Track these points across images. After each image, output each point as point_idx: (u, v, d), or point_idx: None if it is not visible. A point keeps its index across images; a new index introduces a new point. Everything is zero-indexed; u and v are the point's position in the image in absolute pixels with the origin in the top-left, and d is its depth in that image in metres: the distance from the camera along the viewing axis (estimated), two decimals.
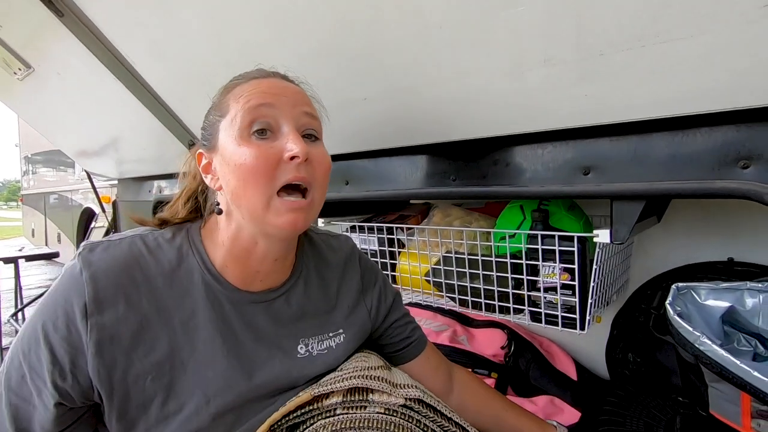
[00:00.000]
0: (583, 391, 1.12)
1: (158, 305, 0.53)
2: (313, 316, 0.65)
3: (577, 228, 0.91)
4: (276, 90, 0.56)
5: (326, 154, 0.58)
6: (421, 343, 0.77)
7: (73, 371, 0.49)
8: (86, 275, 0.50)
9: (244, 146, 0.53)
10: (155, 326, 0.53)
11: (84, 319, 0.49)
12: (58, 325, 0.49)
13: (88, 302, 0.49)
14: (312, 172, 0.55)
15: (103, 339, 0.49)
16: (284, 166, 0.53)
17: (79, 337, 0.49)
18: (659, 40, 0.49)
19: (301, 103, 0.57)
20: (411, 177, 0.93)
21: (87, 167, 2.23)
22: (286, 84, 0.58)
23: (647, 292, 1.09)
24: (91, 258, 0.52)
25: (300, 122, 0.56)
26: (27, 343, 0.50)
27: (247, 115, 0.53)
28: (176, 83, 1.14)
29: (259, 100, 0.54)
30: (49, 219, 5.45)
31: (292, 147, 0.52)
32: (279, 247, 0.59)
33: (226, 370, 0.56)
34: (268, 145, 0.53)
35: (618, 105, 0.58)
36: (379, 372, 0.58)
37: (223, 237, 0.58)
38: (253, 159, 0.52)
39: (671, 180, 0.61)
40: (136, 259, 0.54)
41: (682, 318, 0.70)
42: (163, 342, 0.53)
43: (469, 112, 0.72)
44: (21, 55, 1.33)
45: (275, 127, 0.54)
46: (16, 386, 0.51)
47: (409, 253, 1.12)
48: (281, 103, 0.54)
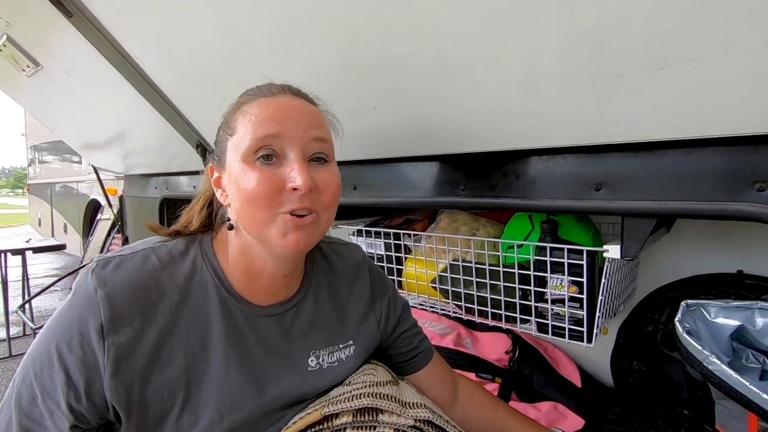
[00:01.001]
0: (587, 399, 1.12)
1: (174, 320, 0.53)
2: (323, 328, 0.66)
3: (586, 239, 0.90)
4: (284, 114, 0.54)
5: (335, 177, 0.57)
6: (428, 353, 0.77)
7: (89, 393, 0.49)
8: (101, 294, 0.50)
9: (248, 170, 0.52)
10: (171, 341, 0.53)
11: (101, 340, 0.49)
12: (72, 345, 0.49)
13: (105, 322, 0.49)
14: (317, 199, 0.54)
15: (120, 358, 0.49)
16: (287, 195, 0.52)
17: (95, 358, 0.49)
18: (680, 64, 0.48)
19: (310, 127, 0.54)
20: (419, 185, 0.93)
21: (93, 161, 2.24)
22: (296, 104, 0.56)
23: (654, 302, 1.09)
24: (106, 276, 0.51)
25: (308, 148, 0.54)
26: (39, 363, 0.50)
27: (254, 144, 0.52)
28: (185, 85, 1.14)
29: (266, 131, 0.52)
30: (55, 209, 5.48)
31: (295, 178, 0.51)
32: (288, 264, 0.59)
33: (240, 384, 0.56)
34: (272, 172, 0.52)
35: (634, 126, 0.57)
36: (387, 389, 0.58)
37: (234, 252, 0.59)
38: (256, 185, 0.51)
39: (684, 200, 0.60)
40: (150, 274, 0.54)
41: (690, 335, 0.69)
42: (179, 357, 0.53)
43: (481, 126, 0.71)
44: (30, 53, 1.33)
45: (281, 153, 0.53)
46: (28, 408, 0.50)
47: (416, 258, 1.12)
48: (289, 130, 0.53)
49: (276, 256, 0.56)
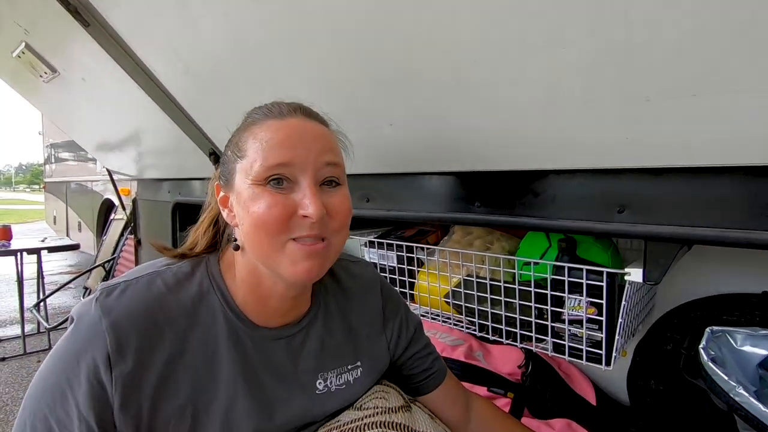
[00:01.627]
0: (602, 417, 1.10)
1: (181, 347, 0.52)
2: (332, 349, 0.64)
3: (605, 258, 0.88)
4: (296, 140, 0.52)
5: (346, 201, 0.55)
6: (440, 374, 0.75)
7: (101, 425, 0.48)
8: (106, 324, 0.49)
9: (258, 194, 0.51)
10: (178, 369, 0.52)
11: (108, 371, 0.48)
12: (81, 380, 0.48)
13: (111, 353, 0.48)
14: (328, 225, 0.52)
15: (128, 389, 0.49)
16: (298, 222, 0.51)
17: (104, 391, 0.48)
18: (715, 91, 0.46)
19: (323, 152, 0.53)
20: (433, 199, 0.91)
21: (107, 164, 2.26)
22: (308, 127, 0.54)
23: (674, 321, 1.06)
24: (109, 304, 0.50)
25: (320, 173, 0.53)
26: (51, 397, 0.49)
27: (265, 172, 0.51)
28: (198, 94, 1.14)
29: (277, 158, 0.51)
30: (70, 207, 5.56)
31: (307, 206, 0.50)
32: (297, 287, 0.58)
33: (247, 411, 0.55)
34: (284, 197, 0.51)
35: (662, 151, 0.55)
36: (399, 417, 0.57)
37: (242, 274, 0.57)
38: (267, 210, 0.50)
39: (713, 227, 0.58)
40: (156, 300, 0.52)
41: (716, 364, 0.67)
42: (186, 385, 0.52)
43: (499, 145, 0.70)
44: (48, 60, 1.34)
45: (293, 179, 0.52)
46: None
47: (429, 272, 1.10)
48: (301, 157, 0.51)
49: (286, 281, 0.55)
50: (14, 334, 3.23)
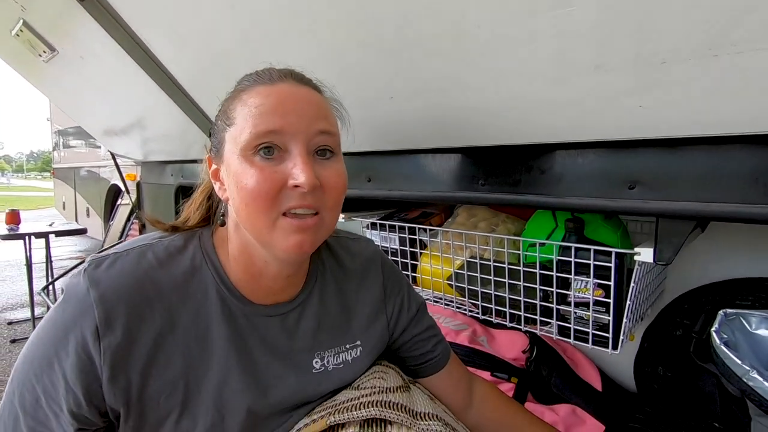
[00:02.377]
0: (607, 403, 1.08)
1: (172, 321, 0.51)
2: (329, 328, 0.62)
3: (614, 239, 0.85)
4: (287, 106, 0.49)
5: (341, 174, 0.52)
6: (443, 359, 0.73)
7: (88, 398, 0.47)
8: (94, 295, 0.47)
9: (247, 165, 0.48)
10: (169, 343, 0.50)
11: (96, 343, 0.47)
12: (68, 351, 0.47)
13: (99, 324, 0.47)
14: (321, 198, 0.50)
15: (116, 361, 0.47)
16: (289, 192, 0.48)
17: (92, 363, 0.47)
18: (735, 50, 0.42)
19: (315, 119, 0.50)
20: (437, 178, 0.88)
21: (111, 148, 2.25)
22: (300, 93, 0.51)
23: (684, 306, 1.03)
24: (98, 276, 0.49)
25: (312, 142, 0.50)
26: (39, 366, 0.48)
27: (254, 139, 0.48)
28: (196, 71, 1.11)
29: (267, 125, 0.48)
30: (78, 193, 5.61)
31: (298, 175, 0.47)
32: (291, 266, 0.56)
33: (241, 387, 0.54)
34: (273, 169, 0.48)
35: (678, 119, 0.51)
36: (397, 397, 0.55)
37: (234, 250, 0.56)
38: (255, 183, 0.47)
39: (731, 202, 0.55)
40: (146, 273, 0.51)
41: (728, 347, 0.64)
42: (177, 359, 0.51)
43: (505, 118, 0.66)
44: (46, 38, 1.32)
45: (283, 148, 0.49)
46: (32, 410, 0.49)
47: (432, 254, 1.08)
48: (291, 124, 0.49)
49: (278, 258, 0.53)
50: (24, 317, 3.29)
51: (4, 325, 3.21)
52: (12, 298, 3.84)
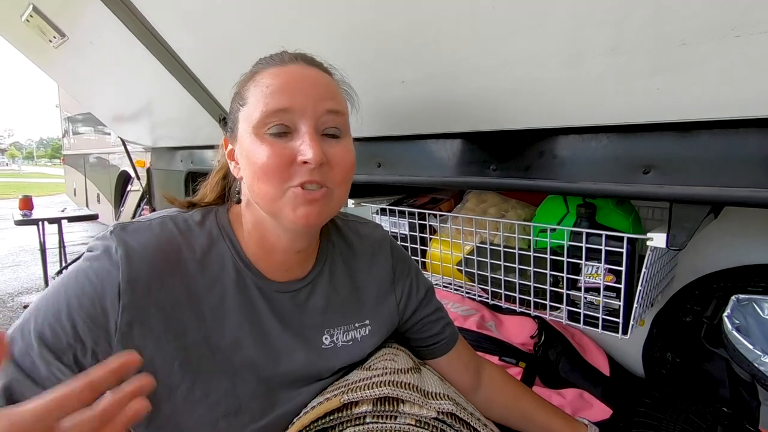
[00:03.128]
0: (615, 388, 1.08)
1: (189, 290, 0.53)
2: (338, 307, 0.64)
3: (626, 225, 0.85)
4: (296, 85, 0.51)
5: (348, 153, 0.54)
6: (451, 341, 0.74)
7: (95, 349, 0.48)
8: (121, 253, 0.49)
9: (258, 143, 0.51)
10: (186, 311, 0.52)
11: (116, 299, 0.48)
12: (83, 302, 0.47)
13: (122, 282, 0.48)
14: (328, 174, 0.52)
15: (134, 321, 0.49)
16: (298, 168, 0.50)
17: (106, 318, 0.48)
18: (758, 30, 0.41)
19: (323, 99, 0.52)
20: (447, 163, 0.88)
21: (121, 134, 2.26)
22: (309, 74, 0.53)
23: (695, 292, 1.02)
24: (126, 237, 0.51)
25: (321, 121, 0.52)
26: (53, 313, 0.48)
27: (265, 118, 0.50)
28: (206, 56, 1.11)
29: (277, 104, 0.50)
30: (88, 179, 5.67)
31: (305, 151, 0.49)
32: (301, 239, 0.58)
33: (253, 357, 0.56)
34: (283, 145, 0.50)
35: (697, 102, 0.51)
36: (408, 377, 0.56)
37: (248, 225, 0.58)
38: (266, 158, 0.50)
39: (747, 186, 0.54)
40: (169, 240, 0.53)
41: (740, 332, 0.64)
42: (192, 327, 0.52)
43: (518, 102, 0.66)
44: (55, 23, 1.32)
45: (292, 126, 0.51)
46: (20, 356, 0.47)
47: (441, 239, 1.08)
48: (300, 103, 0.51)
49: (288, 230, 0.55)
50: None
51: (21, 308, 3.29)
52: (27, 283, 3.92)
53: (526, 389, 0.82)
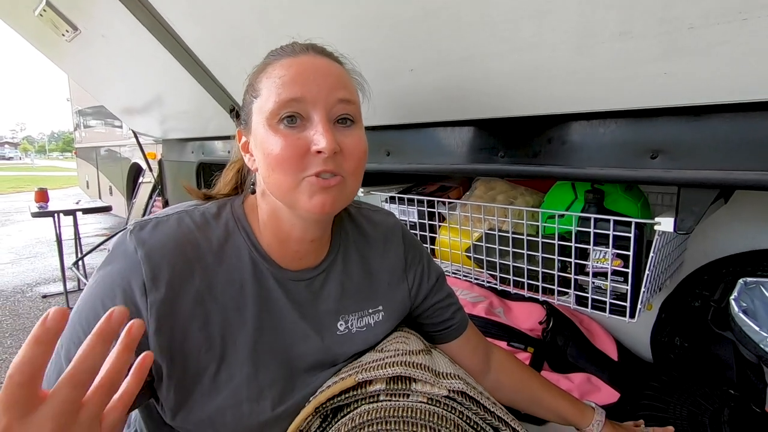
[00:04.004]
0: (623, 372, 1.10)
1: (209, 282, 0.55)
2: (352, 294, 0.66)
3: (634, 211, 0.85)
4: (308, 75, 0.52)
5: (361, 141, 0.55)
6: (461, 326, 0.76)
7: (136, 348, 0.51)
8: (141, 253, 0.51)
9: (272, 134, 0.52)
10: (208, 302, 0.54)
11: (143, 297, 0.50)
12: (117, 303, 0.49)
13: (146, 280, 0.50)
14: (342, 163, 0.53)
15: (161, 315, 0.51)
16: (312, 158, 0.51)
17: (140, 315, 0.50)
18: (766, 13, 0.42)
19: (335, 88, 0.53)
20: (456, 151, 0.89)
21: (132, 126, 2.29)
22: (320, 64, 0.54)
23: (704, 277, 1.03)
24: (144, 236, 0.53)
25: (333, 110, 0.53)
26: (86, 320, 0.51)
27: (277, 107, 0.51)
28: (217, 48, 1.12)
29: (289, 94, 0.51)
30: (101, 172, 5.75)
31: (319, 140, 0.50)
32: (315, 228, 0.59)
33: (272, 344, 0.58)
34: (296, 136, 0.51)
35: (705, 86, 0.51)
36: (420, 358, 0.58)
37: (263, 216, 0.59)
38: (280, 149, 0.51)
39: (757, 169, 0.54)
40: (186, 236, 0.55)
41: (747, 315, 0.65)
42: (215, 317, 0.54)
43: (527, 88, 0.66)
44: (68, 17, 1.34)
45: (305, 116, 0.52)
46: None
47: (450, 227, 1.09)
48: (312, 93, 0.51)
49: (303, 219, 0.56)
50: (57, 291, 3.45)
51: (39, 298, 3.38)
52: (44, 273, 4.01)
53: (534, 373, 0.84)
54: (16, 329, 2.82)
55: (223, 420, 0.56)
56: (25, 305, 3.24)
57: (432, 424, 0.50)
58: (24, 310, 3.16)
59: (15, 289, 3.58)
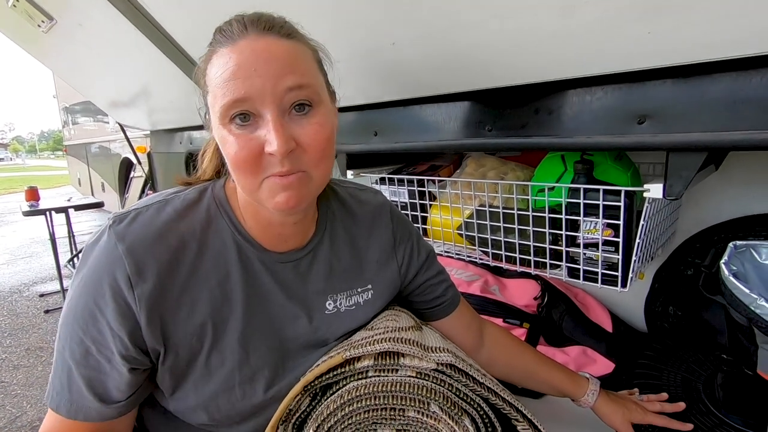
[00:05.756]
0: (617, 343, 1.11)
1: (194, 269, 0.54)
2: (340, 273, 0.65)
3: (625, 180, 0.84)
4: (248, 67, 0.46)
5: (322, 128, 0.50)
6: (453, 303, 0.76)
7: (133, 340, 0.51)
8: (122, 248, 0.50)
9: (226, 133, 0.49)
10: (194, 289, 0.54)
11: (130, 290, 0.50)
12: (107, 300, 0.50)
13: (131, 274, 0.49)
14: (301, 158, 0.49)
15: (150, 307, 0.50)
16: (268, 158, 0.48)
17: (130, 308, 0.50)
18: None
19: (281, 76, 0.47)
20: (443, 127, 0.87)
21: (119, 119, 2.26)
22: (261, 48, 0.47)
23: (696, 245, 1.03)
24: (122, 230, 0.51)
25: (283, 102, 0.48)
26: (83, 319, 0.51)
27: (224, 110, 0.48)
28: (197, 33, 1.09)
29: (232, 95, 0.46)
30: (92, 168, 5.69)
31: (271, 141, 0.46)
32: (293, 216, 0.57)
33: (260, 327, 0.58)
34: (248, 136, 0.48)
35: (690, 44, 0.50)
36: (409, 334, 0.57)
37: (243, 201, 0.58)
38: (235, 151, 0.48)
39: (746, 129, 0.53)
40: (167, 225, 0.54)
41: (737, 278, 0.65)
42: (203, 303, 0.54)
43: (510, 56, 0.65)
44: (41, 6, 1.30)
45: (255, 113, 0.48)
46: (83, 360, 0.51)
47: (441, 205, 1.08)
48: (256, 88, 0.46)
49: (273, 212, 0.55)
50: (54, 289, 3.45)
51: (37, 297, 3.38)
52: (41, 272, 4.01)
53: (528, 347, 0.84)
54: (15, 328, 2.82)
55: (216, 404, 0.56)
56: (22, 305, 3.24)
57: (421, 397, 0.50)
58: (22, 309, 3.15)
59: (12, 289, 3.57)
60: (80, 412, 0.52)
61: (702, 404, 0.81)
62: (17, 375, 2.27)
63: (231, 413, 0.57)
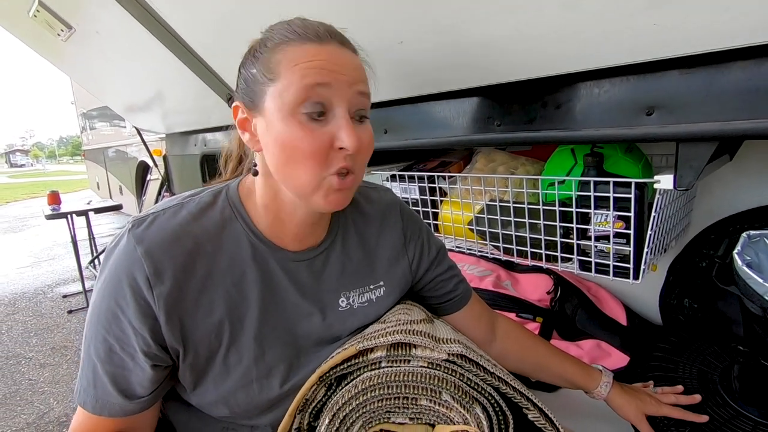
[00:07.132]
0: (632, 336, 1.10)
1: (210, 270, 0.56)
2: (353, 271, 0.67)
3: (635, 172, 0.84)
4: (335, 65, 0.51)
5: (372, 136, 0.56)
6: (464, 298, 0.76)
7: (154, 338, 0.53)
8: (141, 250, 0.52)
9: (293, 125, 0.50)
10: (211, 290, 0.55)
11: (150, 291, 0.51)
12: (128, 300, 0.52)
13: (150, 275, 0.51)
14: (356, 159, 0.54)
15: (169, 307, 0.52)
16: (334, 154, 0.52)
17: (150, 308, 0.52)
18: None
19: (357, 82, 0.52)
20: (452, 123, 0.88)
21: (135, 123, 2.31)
22: (345, 55, 0.53)
23: (711, 237, 1.01)
24: (141, 233, 0.53)
25: (353, 104, 0.52)
26: (105, 319, 0.53)
27: (302, 93, 0.49)
28: (208, 36, 1.12)
29: (317, 79, 0.49)
30: (109, 172, 5.82)
31: (344, 139, 0.50)
32: (319, 214, 0.60)
33: (274, 325, 0.59)
34: (320, 130, 0.51)
35: (696, 34, 0.50)
36: (421, 326, 0.58)
37: (263, 199, 0.59)
38: (304, 143, 0.50)
39: (756, 118, 0.53)
40: (183, 227, 0.55)
41: (751, 268, 0.64)
42: (220, 303, 0.56)
43: (518, 51, 0.65)
44: (61, 16, 1.35)
45: (328, 108, 0.51)
46: (107, 357, 0.54)
47: (452, 201, 1.09)
48: (338, 83, 0.50)
49: (312, 209, 0.58)
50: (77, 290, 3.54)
51: (60, 298, 3.48)
52: (63, 274, 4.12)
53: (540, 339, 0.84)
54: (40, 329, 2.91)
55: (235, 399, 0.58)
56: (47, 305, 3.34)
57: (433, 386, 0.51)
58: (46, 310, 3.25)
59: (36, 291, 3.68)
60: (105, 408, 0.54)
61: (718, 396, 0.81)
62: (44, 373, 2.35)
63: (249, 407, 0.59)
